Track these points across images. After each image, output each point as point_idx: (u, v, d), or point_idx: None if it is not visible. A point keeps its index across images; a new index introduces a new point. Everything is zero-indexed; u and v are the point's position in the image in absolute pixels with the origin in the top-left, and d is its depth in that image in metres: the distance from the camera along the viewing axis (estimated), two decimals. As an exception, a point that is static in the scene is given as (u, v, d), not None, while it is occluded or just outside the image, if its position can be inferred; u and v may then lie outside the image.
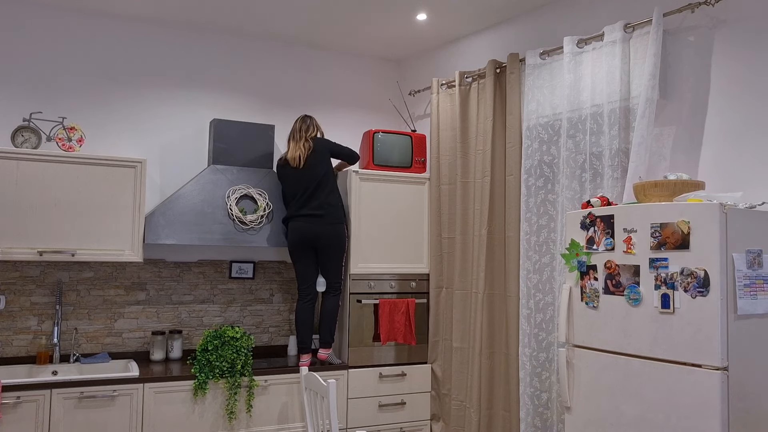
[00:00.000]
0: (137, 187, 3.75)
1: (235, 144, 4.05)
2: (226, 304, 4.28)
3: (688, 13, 3.00)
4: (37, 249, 3.51)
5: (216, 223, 3.86)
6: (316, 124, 4.05)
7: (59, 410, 3.28)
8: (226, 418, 3.64)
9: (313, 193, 3.91)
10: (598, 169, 3.27)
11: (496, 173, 3.82)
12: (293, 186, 3.97)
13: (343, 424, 3.96)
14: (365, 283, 4.12)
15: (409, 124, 4.73)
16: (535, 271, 3.55)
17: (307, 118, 4.05)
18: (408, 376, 4.17)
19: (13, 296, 3.74)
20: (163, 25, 4.20)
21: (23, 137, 3.69)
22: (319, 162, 3.94)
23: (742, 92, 2.80)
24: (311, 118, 4.05)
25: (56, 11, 3.93)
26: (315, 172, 3.92)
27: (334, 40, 4.53)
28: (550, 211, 3.55)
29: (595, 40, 3.32)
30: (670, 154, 3.05)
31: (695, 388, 2.32)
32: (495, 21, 4.10)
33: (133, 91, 4.12)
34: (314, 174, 3.92)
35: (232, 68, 4.41)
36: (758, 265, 2.38)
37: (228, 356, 3.63)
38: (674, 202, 2.48)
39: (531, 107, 3.62)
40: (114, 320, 3.97)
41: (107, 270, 3.97)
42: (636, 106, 3.10)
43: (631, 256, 2.56)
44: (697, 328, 2.32)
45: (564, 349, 2.85)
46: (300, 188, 3.93)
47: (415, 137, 4.34)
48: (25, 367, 3.62)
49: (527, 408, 3.50)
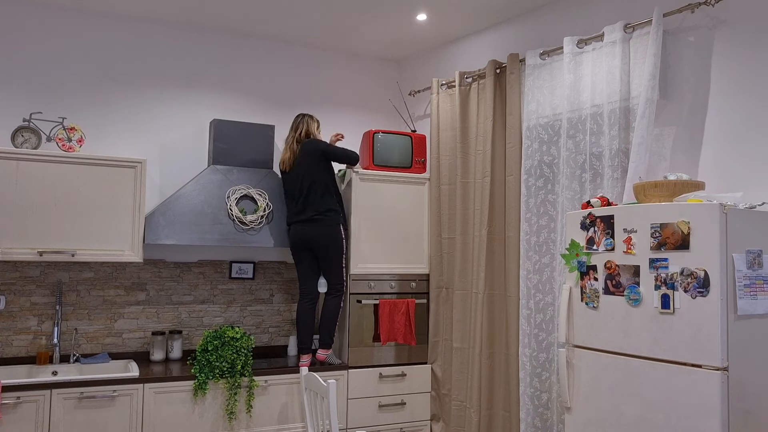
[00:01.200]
0: (137, 187, 3.75)
1: (235, 144, 4.05)
2: (226, 304, 4.27)
3: (688, 13, 3.00)
4: (37, 249, 3.51)
5: (216, 224, 3.86)
6: (307, 122, 3.97)
7: (59, 410, 3.28)
8: (226, 418, 3.64)
9: (307, 196, 3.87)
10: (598, 169, 3.26)
11: (496, 173, 3.82)
12: (289, 189, 3.95)
13: (343, 425, 3.96)
14: (365, 284, 4.12)
15: (409, 124, 4.73)
16: (535, 271, 3.55)
17: (298, 117, 4.00)
18: (408, 377, 4.17)
19: (13, 296, 3.74)
20: (163, 25, 4.20)
21: (23, 137, 3.70)
22: (307, 164, 3.88)
23: (742, 92, 2.80)
24: (302, 117, 3.99)
25: (56, 11, 3.93)
26: (305, 175, 3.87)
27: (334, 40, 4.53)
28: (550, 212, 3.55)
29: (595, 41, 3.32)
30: (670, 154, 3.05)
31: (695, 388, 2.32)
32: (495, 21, 4.10)
33: (133, 91, 4.12)
34: (304, 177, 3.87)
35: (232, 68, 4.41)
36: (758, 265, 2.38)
37: (228, 356, 3.63)
38: (674, 203, 2.48)
39: (531, 107, 3.62)
40: (114, 320, 3.97)
41: (107, 270, 3.97)
42: (636, 106, 3.09)
43: (631, 257, 2.56)
44: (697, 329, 2.32)
45: (564, 349, 2.85)
46: (295, 191, 3.92)
47: (415, 137, 4.34)
48: (25, 367, 3.62)
49: (527, 408, 3.50)
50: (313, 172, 3.89)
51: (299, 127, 3.98)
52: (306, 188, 3.87)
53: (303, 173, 3.88)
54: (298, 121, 4.00)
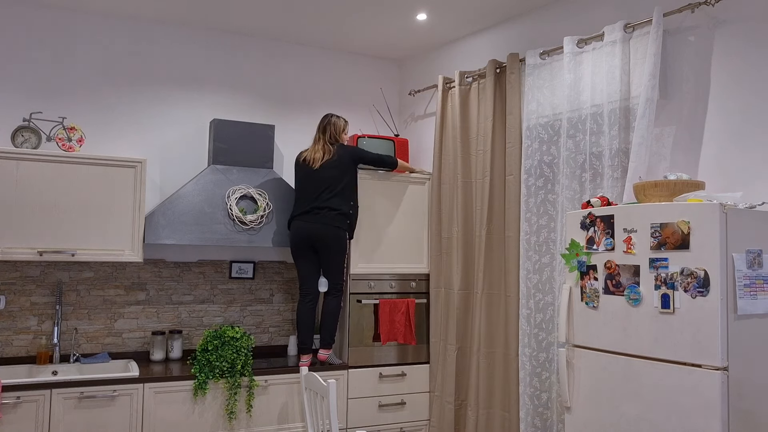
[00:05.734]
0: (137, 187, 3.75)
1: (235, 144, 4.05)
2: (226, 304, 4.28)
3: (688, 13, 3.00)
4: (37, 249, 3.51)
5: (216, 223, 3.86)
6: (334, 123, 3.98)
7: (59, 410, 3.28)
8: (226, 418, 3.64)
9: (321, 195, 3.87)
10: (598, 169, 3.26)
11: (496, 173, 3.82)
12: (304, 184, 3.94)
13: (343, 424, 3.96)
14: (365, 283, 4.12)
15: (392, 128, 4.80)
16: (535, 271, 3.55)
17: (326, 118, 4.00)
18: (408, 376, 4.17)
19: (13, 296, 3.74)
20: (163, 25, 4.20)
21: (23, 137, 3.70)
22: (337, 168, 3.88)
23: (743, 92, 2.80)
24: (329, 118, 3.99)
25: (56, 11, 3.93)
26: (329, 177, 3.88)
27: (334, 40, 4.53)
28: (550, 211, 3.55)
29: (595, 40, 3.32)
30: (670, 154, 3.05)
31: (695, 388, 2.32)
32: (495, 21, 4.10)
33: (133, 91, 4.12)
34: (328, 179, 3.87)
35: (232, 68, 4.41)
36: (758, 265, 2.38)
37: (228, 356, 3.63)
38: (674, 202, 2.48)
39: (531, 107, 3.62)
40: (114, 320, 3.97)
41: (107, 270, 3.97)
42: (636, 106, 3.09)
43: (631, 256, 2.56)
44: (697, 328, 2.32)
45: (564, 349, 2.85)
46: (310, 188, 3.91)
47: (398, 141, 4.39)
48: (25, 367, 3.62)
49: (527, 408, 3.50)
50: (343, 177, 3.90)
51: (327, 128, 3.98)
52: (324, 188, 3.87)
53: (329, 175, 3.88)
54: (325, 123, 3.99)
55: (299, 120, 4.60)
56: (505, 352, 3.71)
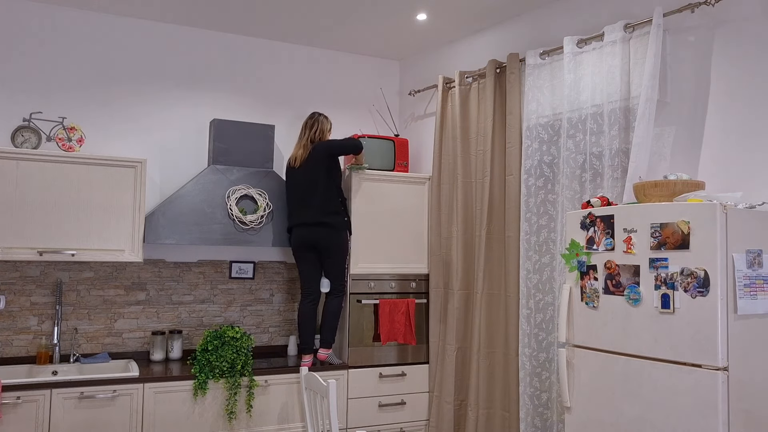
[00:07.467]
0: (137, 187, 3.75)
1: (235, 144, 4.05)
2: (226, 304, 4.27)
3: (688, 13, 3.00)
4: (37, 249, 3.51)
5: (216, 223, 3.86)
6: (321, 121, 3.99)
7: (59, 410, 3.28)
8: (226, 418, 3.64)
9: (311, 198, 3.87)
10: (598, 169, 3.26)
11: (496, 173, 3.82)
12: (293, 188, 3.95)
13: (343, 424, 3.96)
14: (365, 283, 4.12)
15: (392, 128, 4.80)
16: (535, 271, 3.55)
17: (313, 116, 4.01)
18: (408, 376, 4.17)
19: (13, 296, 3.74)
20: (163, 24, 4.20)
21: (23, 137, 3.70)
22: (315, 167, 3.88)
23: (743, 92, 2.80)
24: (316, 116, 4.00)
25: (56, 10, 3.93)
26: (311, 178, 3.88)
27: (334, 40, 4.53)
28: (550, 211, 3.55)
29: (595, 40, 3.32)
30: (670, 154, 3.05)
31: (695, 388, 2.32)
32: (495, 21, 4.10)
33: (133, 91, 4.12)
34: (310, 179, 3.88)
35: (232, 68, 4.41)
36: (758, 265, 2.38)
37: (228, 356, 3.63)
38: (674, 202, 2.48)
39: (531, 107, 3.62)
40: (114, 320, 3.97)
41: (107, 270, 3.97)
42: (636, 106, 3.09)
43: (631, 256, 2.56)
44: (697, 328, 2.32)
45: (564, 349, 2.85)
46: (298, 192, 3.92)
47: (398, 141, 4.39)
48: (25, 367, 3.62)
49: (527, 408, 3.50)
50: (321, 174, 3.89)
51: (314, 125, 3.98)
52: (311, 190, 3.87)
53: (311, 174, 3.88)
54: (312, 121, 4.00)
55: (299, 120, 4.59)
56: (505, 352, 3.71)
